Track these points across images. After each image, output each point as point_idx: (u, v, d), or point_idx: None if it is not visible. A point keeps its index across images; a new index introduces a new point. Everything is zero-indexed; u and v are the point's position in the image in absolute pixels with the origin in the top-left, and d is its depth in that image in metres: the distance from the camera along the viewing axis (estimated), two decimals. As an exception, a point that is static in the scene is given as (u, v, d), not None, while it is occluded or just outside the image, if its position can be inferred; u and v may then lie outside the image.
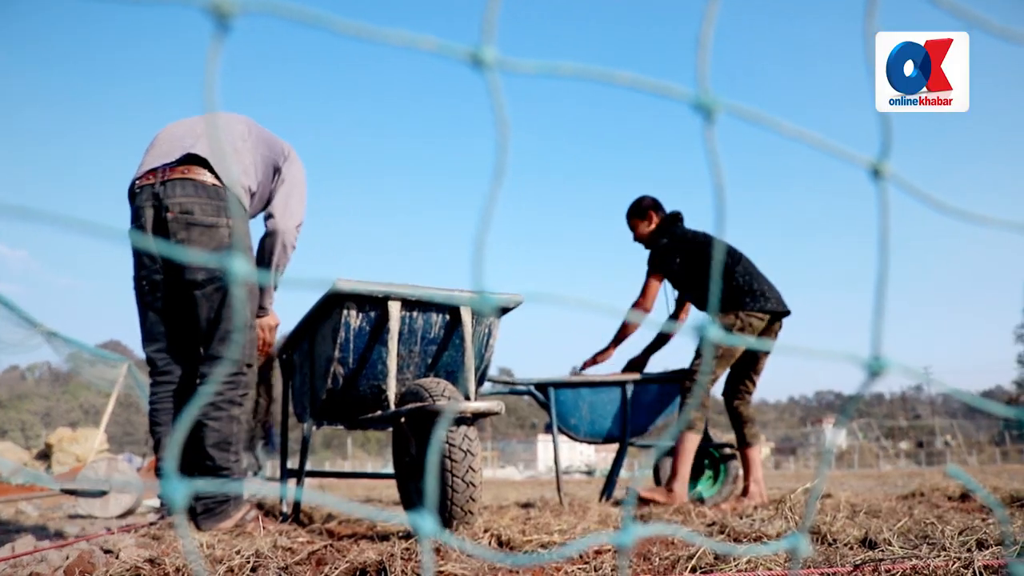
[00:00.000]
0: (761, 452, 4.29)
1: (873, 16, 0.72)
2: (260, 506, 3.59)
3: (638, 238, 4.69)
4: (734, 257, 4.31)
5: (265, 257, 3.02)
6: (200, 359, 2.81)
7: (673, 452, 4.13)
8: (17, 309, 6.44)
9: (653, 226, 4.62)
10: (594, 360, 4.76)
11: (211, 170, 2.75)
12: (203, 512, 2.74)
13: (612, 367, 4.85)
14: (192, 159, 2.76)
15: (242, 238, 2.77)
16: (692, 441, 4.08)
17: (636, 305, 4.46)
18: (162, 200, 2.71)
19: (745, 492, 4.14)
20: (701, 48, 0.62)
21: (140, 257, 2.89)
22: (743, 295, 4.12)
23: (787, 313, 4.20)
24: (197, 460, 2.73)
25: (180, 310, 2.85)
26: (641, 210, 4.67)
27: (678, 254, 4.37)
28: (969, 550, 1.76)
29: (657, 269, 4.44)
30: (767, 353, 4.31)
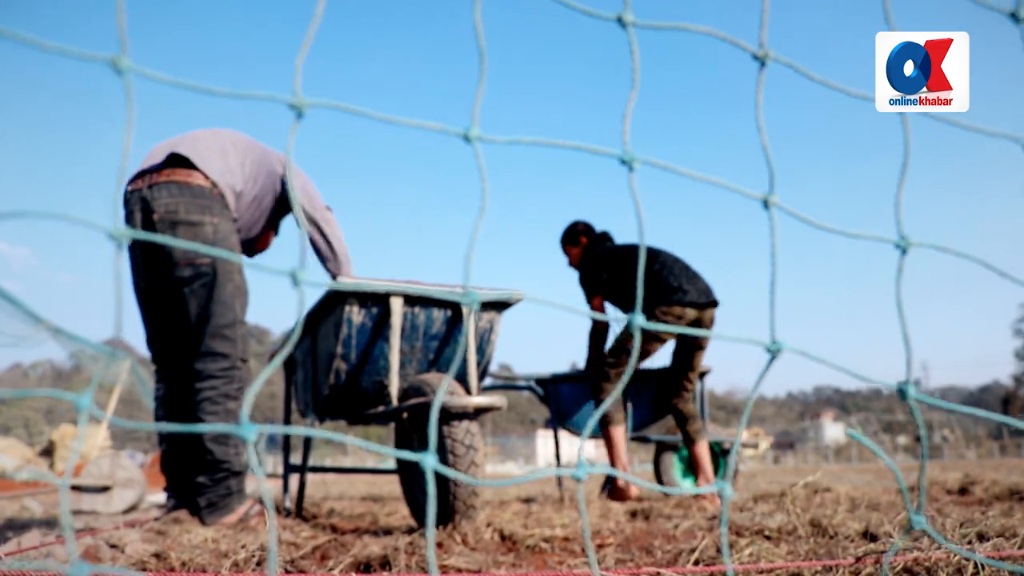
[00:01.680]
0: (707, 448, 4.24)
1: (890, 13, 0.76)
2: (262, 502, 3.60)
3: (571, 263, 4.71)
4: (653, 257, 4.27)
5: (321, 240, 3.10)
6: (194, 355, 2.83)
7: (607, 449, 4.16)
8: (22, 305, 6.45)
9: (582, 250, 4.62)
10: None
11: (196, 169, 2.79)
12: (207, 506, 2.75)
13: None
14: (176, 159, 2.81)
15: (227, 235, 2.79)
16: (618, 434, 4.10)
17: (594, 328, 4.54)
18: (149, 203, 2.76)
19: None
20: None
21: (134, 259, 2.93)
22: (661, 293, 4.08)
23: (711, 304, 4.15)
24: (197, 455, 2.75)
25: (173, 308, 2.88)
26: (572, 236, 4.69)
27: (603, 270, 4.35)
28: (970, 542, 1.78)
29: (590, 290, 4.44)
30: (701, 349, 4.25)
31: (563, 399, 4.76)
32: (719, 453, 5.04)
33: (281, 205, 3.17)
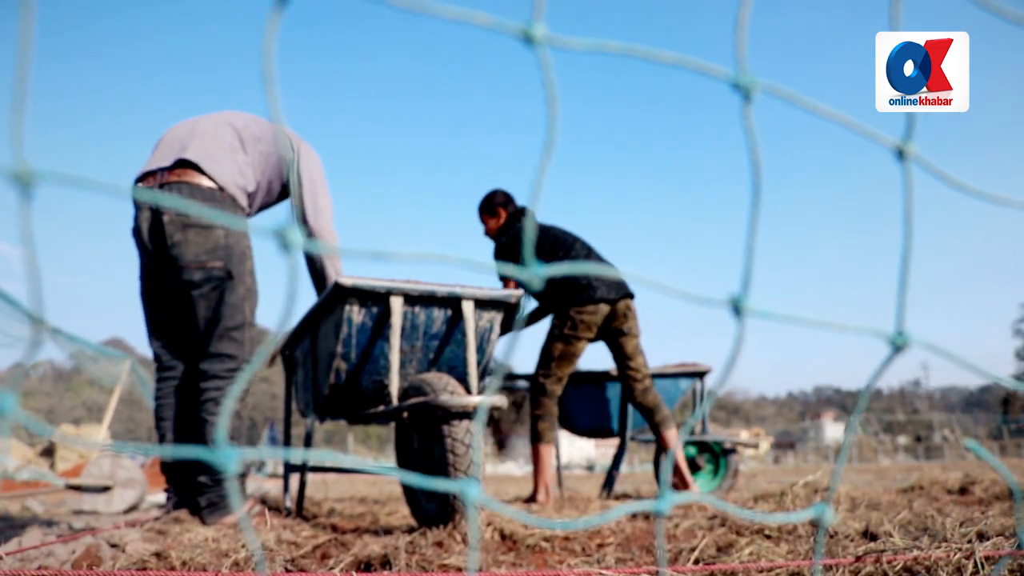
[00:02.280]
0: (676, 435, 4.19)
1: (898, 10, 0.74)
2: (263, 501, 3.61)
3: (487, 233, 4.60)
4: (563, 251, 4.21)
5: (316, 261, 3.06)
6: (200, 356, 2.83)
7: (534, 465, 4.15)
8: (21, 306, 6.46)
9: (501, 222, 4.51)
10: None
11: (205, 173, 2.78)
12: (207, 506, 2.76)
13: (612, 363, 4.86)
14: (186, 163, 2.79)
15: (239, 239, 2.79)
16: (546, 452, 4.10)
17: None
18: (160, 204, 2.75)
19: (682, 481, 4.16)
20: (740, 28, 0.64)
21: (141, 256, 2.93)
22: (572, 293, 4.05)
23: (624, 296, 4.12)
24: (195, 458, 2.75)
25: (180, 309, 2.88)
26: (491, 206, 4.56)
27: (516, 253, 4.27)
28: (969, 541, 1.78)
29: (504, 273, 4.36)
30: (625, 336, 4.19)
31: (564, 399, 4.77)
32: (719, 453, 5.04)
33: (285, 189, 3.16)
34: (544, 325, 4.40)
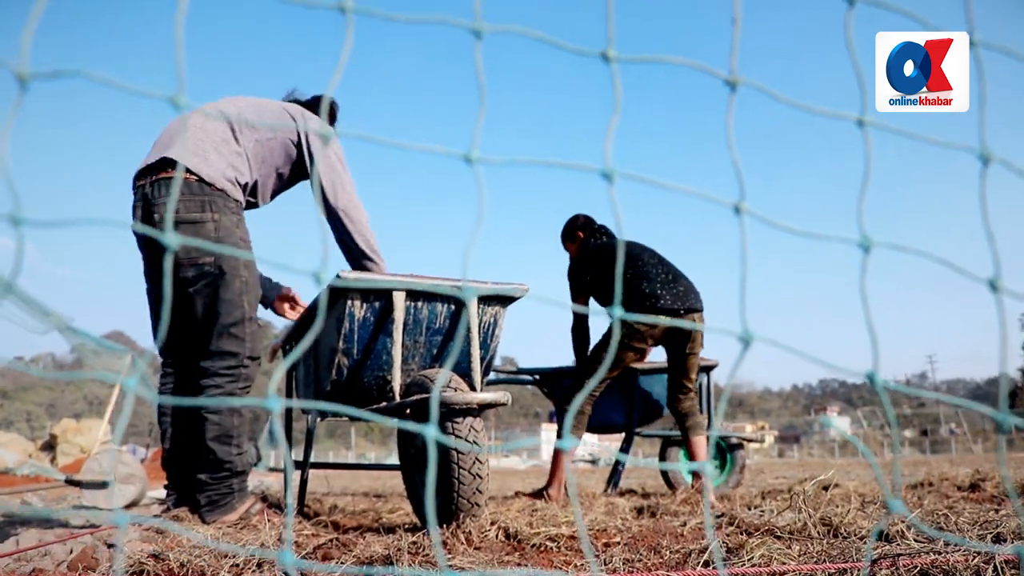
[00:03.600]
0: (704, 442, 4.13)
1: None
2: (264, 498, 3.57)
3: (573, 259, 4.54)
4: (632, 261, 4.16)
5: (343, 239, 2.98)
6: (201, 354, 2.78)
7: (552, 460, 4.17)
8: (29, 299, 6.43)
9: (581, 242, 4.44)
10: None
11: (189, 169, 2.73)
12: (207, 504, 2.72)
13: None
14: (170, 161, 2.75)
15: (230, 231, 2.73)
16: (563, 455, 4.12)
17: (576, 326, 4.35)
18: (150, 201, 2.73)
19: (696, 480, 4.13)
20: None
21: (142, 255, 2.90)
22: (633, 301, 4.00)
23: (690, 310, 4.02)
24: (199, 454, 2.71)
25: (179, 307, 2.83)
26: (570, 231, 4.52)
27: (588, 271, 4.23)
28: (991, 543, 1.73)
29: (575, 289, 4.31)
30: (693, 353, 4.11)
31: (568, 393, 4.72)
32: (726, 448, 5.00)
33: (299, 170, 3.09)
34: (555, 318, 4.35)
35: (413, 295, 2.67)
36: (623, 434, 4.86)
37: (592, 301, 4.32)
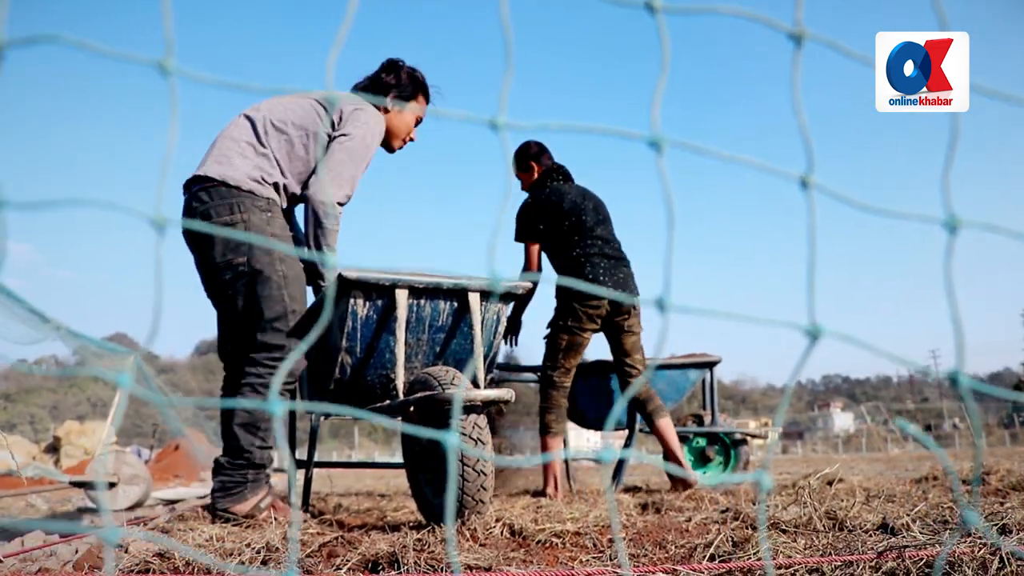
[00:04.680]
0: (670, 425, 4.13)
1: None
2: (282, 497, 3.56)
3: (523, 188, 4.40)
4: (583, 232, 4.06)
5: (310, 228, 2.93)
6: (250, 349, 2.81)
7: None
8: (28, 305, 6.43)
9: (534, 178, 4.30)
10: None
11: (215, 178, 2.78)
12: (219, 490, 2.71)
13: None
14: (202, 176, 2.81)
15: (260, 228, 2.76)
16: (556, 444, 4.00)
17: (525, 270, 4.21)
18: (190, 208, 2.79)
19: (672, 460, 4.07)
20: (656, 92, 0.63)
21: (195, 262, 2.92)
22: (574, 280, 3.92)
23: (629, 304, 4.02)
24: (225, 437, 2.73)
25: (226, 307, 2.89)
26: (523, 159, 4.33)
27: (541, 219, 4.09)
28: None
29: (524, 235, 4.15)
30: (626, 333, 4.11)
31: (571, 391, 4.72)
32: (729, 445, 4.99)
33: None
34: (539, 315, 4.34)
35: (416, 292, 2.67)
36: (626, 431, 4.85)
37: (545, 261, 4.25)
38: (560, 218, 4.07)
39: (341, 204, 2.93)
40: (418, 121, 3.36)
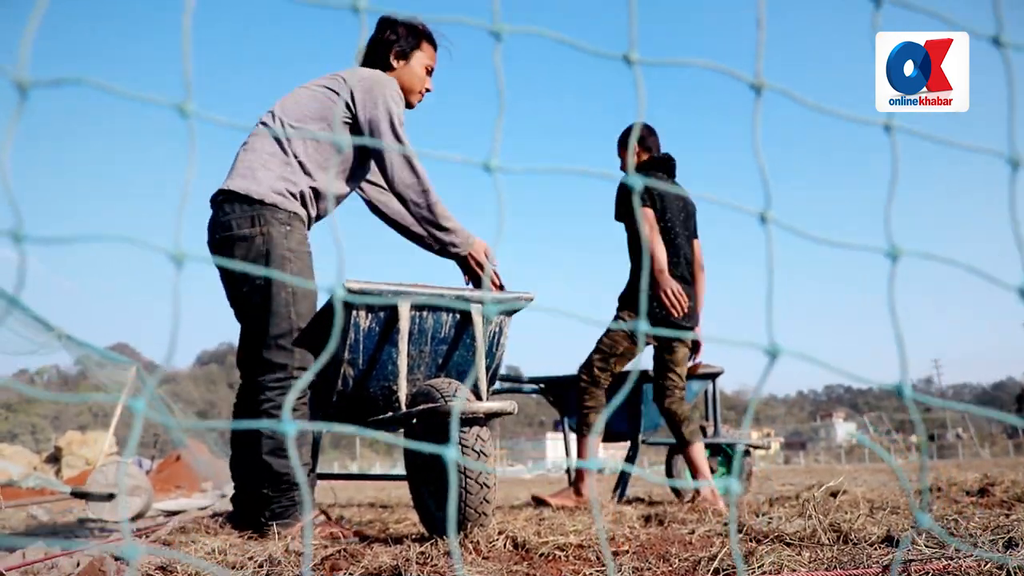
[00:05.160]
0: (702, 450, 4.03)
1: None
2: (325, 512, 3.54)
3: (622, 168, 4.25)
4: (671, 242, 3.98)
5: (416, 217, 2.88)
6: (256, 367, 2.79)
7: (578, 456, 4.01)
8: (32, 313, 6.44)
9: (639, 162, 4.16)
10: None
11: (239, 192, 2.77)
12: (271, 517, 2.70)
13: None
14: (225, 190, 2.81)
15: (278, 242, 2.74)
16: (594, 444, 3.94)
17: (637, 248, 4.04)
18: (215, 222, 2.80)
19: (696, 494, 3.99)
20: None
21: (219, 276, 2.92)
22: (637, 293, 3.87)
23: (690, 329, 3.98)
24: (258, 469, 2.70)
25: (244, 320, 2.89)
26: (643, 140, 4.17)
27: (627, 205, 3.97)
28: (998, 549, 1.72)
29: (622, 215, 4.01)
30: (681, 342, 4.04)
31: (574, 401, 4.72)
32: (731, 455, 4.98)
33: (358, 128, 2.94)
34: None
35: (418, 304, 2.67)
36: (628, 442, 4.84)
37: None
38: (659, 216, 3.97)
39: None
40: (430, 71, 3.23)
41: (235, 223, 2.73)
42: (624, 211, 4.03)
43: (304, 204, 2.87)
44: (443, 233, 2.89)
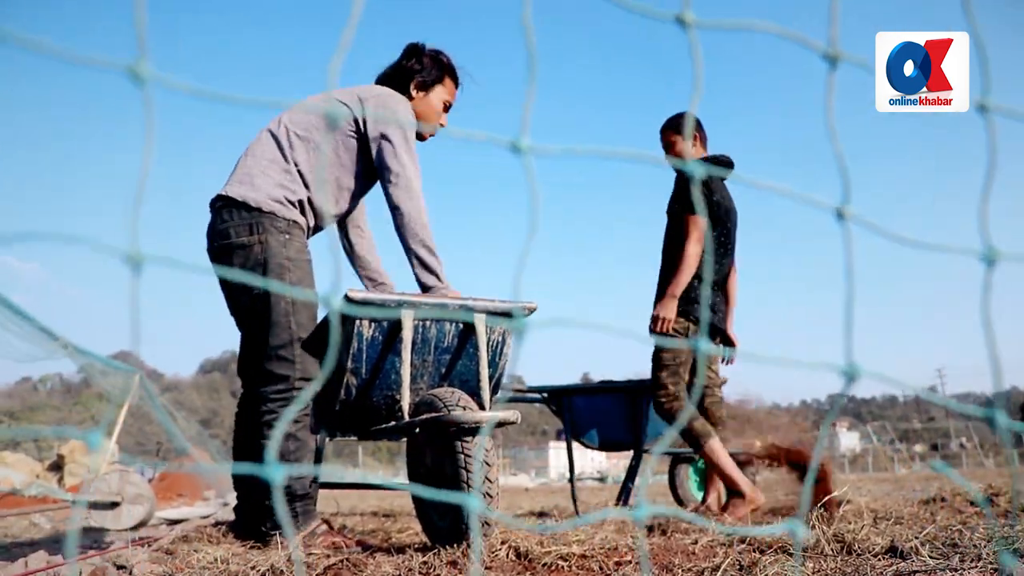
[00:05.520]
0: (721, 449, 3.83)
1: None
2: (327, 522, 3.53)
3: (670, 153, 3.99)
4: (722, 249, 3.88)
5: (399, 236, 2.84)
6: (256, 378, 2.78)
7: (712, 468, 3.81)
8: (36, 322, 6.45)
9: (698, 155, 3.91)
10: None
11: (237, 199, 2.76)
12: (272, 529, 2.69)
13: (625, 374, 4.81)
14: (223, 195, 2.79)
15: (277, 251, 2.72)
16: (717, 446, 3.75)
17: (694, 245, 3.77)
18: (213, 229, 2.78)
19: (704, 500, 3.93)
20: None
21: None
22: (690, 302, 3.76)
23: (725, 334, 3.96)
24: (258, 480, 2.68)
25: (244, 330, 2.88)
26: (686, 127, 3.90)
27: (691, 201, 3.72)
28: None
29: (687, 208, 3.73)
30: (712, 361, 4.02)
31: (576, 411, 4.71)
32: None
33: (364, 144, 2.93)
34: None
35: (422, 314, 2.67)
36: (631, 452, 4.83)
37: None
38: (713, 223, 3.85)
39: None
40: (447, 107, 3.19)
41: (233, 231, 2.71)
42: (682, 208, 3.82)
43: (303, 212, 2.86)
44: (425, 264, 2.84)
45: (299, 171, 2.84)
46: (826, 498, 3.27)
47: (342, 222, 3.32)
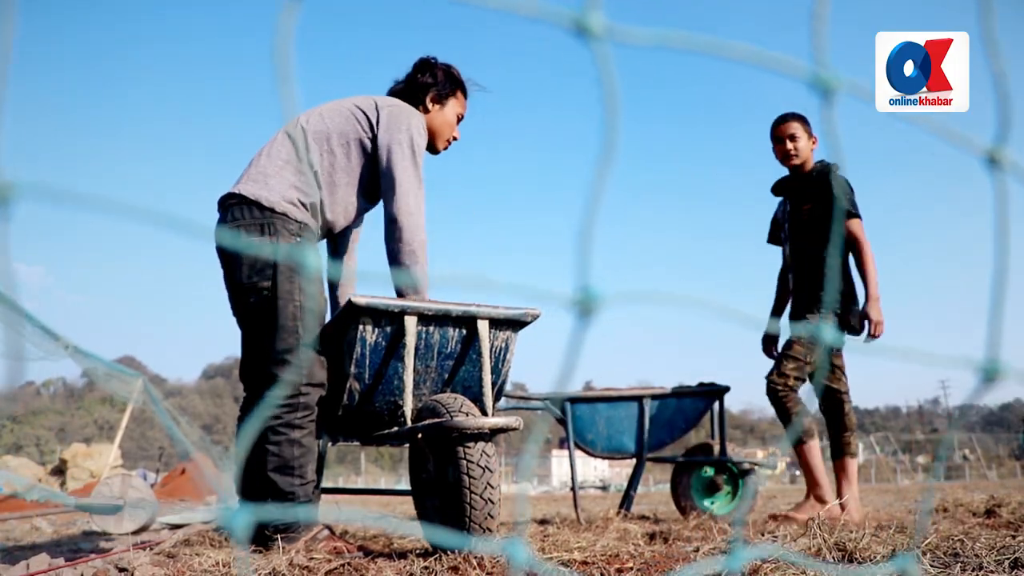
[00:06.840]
0: (854, 464, 3.98)
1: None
2: (329, 527, 3.52)
3: (792, 151, 3.88)
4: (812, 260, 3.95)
5: (386, 243, 2.84)
6: (261, 381, 2.76)
7: (803, 467, 3.91)
8: (40, 324, 6.48)
9: (814, 147, 3.89)
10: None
11: (250, 198, 2.75)
12: (274, 531, 2.68)
13: (628, 382, 4.81)
14: (235, 193, 2.78)
15: (288, 253, 2.70)
16: (816, 448, 3.83)
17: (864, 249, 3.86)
18: (225, 226, 2.77)
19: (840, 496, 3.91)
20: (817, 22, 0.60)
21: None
22: (844, 296, 3.88)
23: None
24: (264, 485, 2.66)
25: (248, 332, 2.85)
26: (806, 120, 3.88)
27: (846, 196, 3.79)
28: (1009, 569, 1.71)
29: (857, 210, 3.81)
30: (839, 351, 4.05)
31: (579, 419, 4.71)
32: (737, 474, 4.96)
33: (373, 154, 2.94)
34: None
35: (425, 319, 2.67)
36: (633, 460, 4.83)
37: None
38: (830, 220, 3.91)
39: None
40: (459, 119, 3.25)
41: (243, 231, 2.69)
42: (848, 211, 3.85)
43: (315, 215, 2.85)
44: (406, 269, 2.83)
45: (315, 173, 2.84)
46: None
47: (335, 240, 3.34)
